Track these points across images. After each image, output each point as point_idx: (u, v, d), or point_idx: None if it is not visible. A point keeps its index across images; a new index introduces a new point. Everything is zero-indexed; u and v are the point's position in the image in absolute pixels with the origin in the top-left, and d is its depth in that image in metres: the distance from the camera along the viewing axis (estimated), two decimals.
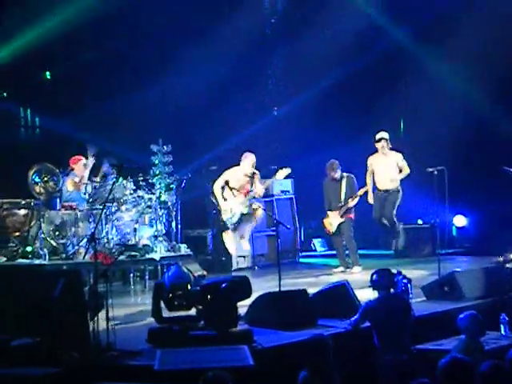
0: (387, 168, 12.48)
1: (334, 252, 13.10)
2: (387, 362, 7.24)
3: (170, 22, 14.48)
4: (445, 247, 12.80)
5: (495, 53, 14.17)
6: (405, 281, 8.87)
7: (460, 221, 15.25)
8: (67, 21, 13.26)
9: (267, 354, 7.07)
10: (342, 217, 12.23)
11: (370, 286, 7.86)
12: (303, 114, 15.69)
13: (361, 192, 12.28)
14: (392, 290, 7.75)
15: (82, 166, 11.89)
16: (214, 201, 11.97)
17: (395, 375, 7.11)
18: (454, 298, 9.33)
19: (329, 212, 12.32)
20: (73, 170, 11.93)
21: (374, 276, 7.68)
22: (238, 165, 11.72)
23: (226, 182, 11.43)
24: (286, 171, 11.68)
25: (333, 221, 12.30)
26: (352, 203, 12.21)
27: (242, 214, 11.52)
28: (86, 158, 11.99)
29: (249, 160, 11.57)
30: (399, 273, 8.96)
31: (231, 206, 11.49)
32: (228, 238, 11.83)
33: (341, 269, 12.31)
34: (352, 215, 12.28)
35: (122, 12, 13.94)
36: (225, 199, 11.57)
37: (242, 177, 11.54)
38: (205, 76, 14.76)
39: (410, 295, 8.87)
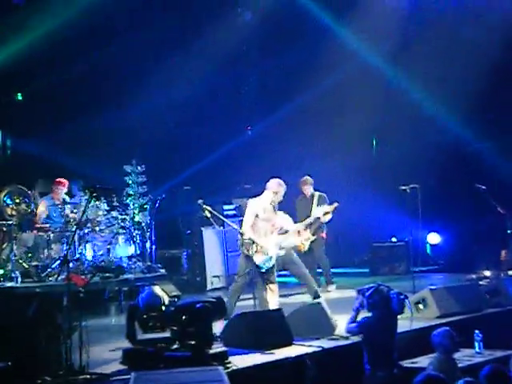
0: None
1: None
2: (379, 378, 7.23)
3: (143, 43, 14.51)
4: (419, 265, 12.86)
5: (466, 74, 14.35)
6: (401, 297, 8.69)
7: (434, 238, 15.36)
8: (39, 42, 13.21)
9: (243, 375, 7.03)
10: (313, 235, 12.17)
11: (362, 308, 7.73)
12: (278, 131, 15.74)
13: (331, 208, 12.01)
14: (388, 307, 7.68)
15: (59, 191, 11.81)
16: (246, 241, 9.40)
17: None
18: (428, 315, 9.36)
19: (300, 230, 12.19)
20: (51, 190, 11.84)
21: (370, 298, 7.58)
22: (257, 194, 9.83)
23: (256, 216, 9.41)
24: (334, 206, 11.20)
25: (304, 239, 12.21)
26: (324, 219, 12.07)
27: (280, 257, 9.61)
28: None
29: (282, 189, 9.58)
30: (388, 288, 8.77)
31: (265, 247, 9.30)
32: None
33: None
34: (324, 234, 12.25)
35: (96, 32, 13.93)
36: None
37: (269, 208, 9.50)
38: (178, 96, 14.77)
39: (409, 311, 8.65)
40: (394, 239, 14.73)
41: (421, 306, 9.50)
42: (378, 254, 14.40)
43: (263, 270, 9.33)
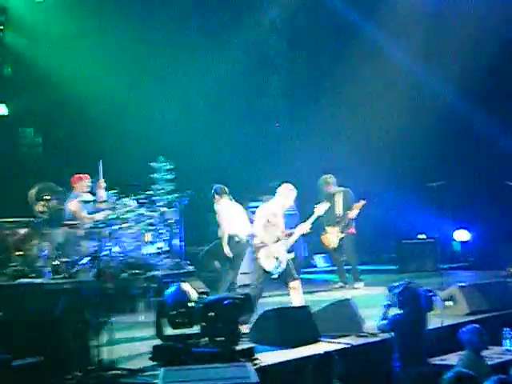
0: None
1: (335, 268, 13.07)
2: (409, 375, 7.23)
3: (170, 40, 14.60)
4: (447, 262, 12.79)
5: (496, 69, 14.24)
6: (430, 294, 8.64)
7: (463, 235, 15.24)
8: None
9: (270, 371, 7.04)
10: (342, 232, 12.17)
11: (393, 305, 7.72)
12: (304, 129, 15.73)
13: (358, 205, 12.12)
14: (417, 305, 7.66)
15: (83, 185, 11.83)
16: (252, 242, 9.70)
17: None
18: (457, 312, 9.31)
19: (327, 228, 12.22)
20: (74, 189, 11.85)
21: (400, 296, 7.59)
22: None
23: (267, 221, 9.39)
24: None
25: (332, 236, 12.23)
26: (351, 215, 12.11)
27: (292, 259, 9.41)
28: (91, 177, 11.91)
29: (293, 194, 9.58)
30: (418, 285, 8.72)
31: (274, 252, 9.27)
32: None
33: (340, 284, 12.28)
34: (353, 230, 12.24)
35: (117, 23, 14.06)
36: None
37: (279, 213, 9.49)
38: (206, 92, 14.84)
39: (439, 308, 8.58)
40: (422, 236, 14.64)
41: (449, 303, 9.45)
42: (406, 250, 14.32)
43: (275, 276, 9.28)
